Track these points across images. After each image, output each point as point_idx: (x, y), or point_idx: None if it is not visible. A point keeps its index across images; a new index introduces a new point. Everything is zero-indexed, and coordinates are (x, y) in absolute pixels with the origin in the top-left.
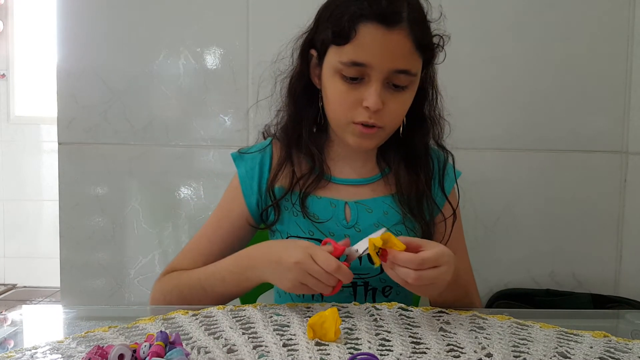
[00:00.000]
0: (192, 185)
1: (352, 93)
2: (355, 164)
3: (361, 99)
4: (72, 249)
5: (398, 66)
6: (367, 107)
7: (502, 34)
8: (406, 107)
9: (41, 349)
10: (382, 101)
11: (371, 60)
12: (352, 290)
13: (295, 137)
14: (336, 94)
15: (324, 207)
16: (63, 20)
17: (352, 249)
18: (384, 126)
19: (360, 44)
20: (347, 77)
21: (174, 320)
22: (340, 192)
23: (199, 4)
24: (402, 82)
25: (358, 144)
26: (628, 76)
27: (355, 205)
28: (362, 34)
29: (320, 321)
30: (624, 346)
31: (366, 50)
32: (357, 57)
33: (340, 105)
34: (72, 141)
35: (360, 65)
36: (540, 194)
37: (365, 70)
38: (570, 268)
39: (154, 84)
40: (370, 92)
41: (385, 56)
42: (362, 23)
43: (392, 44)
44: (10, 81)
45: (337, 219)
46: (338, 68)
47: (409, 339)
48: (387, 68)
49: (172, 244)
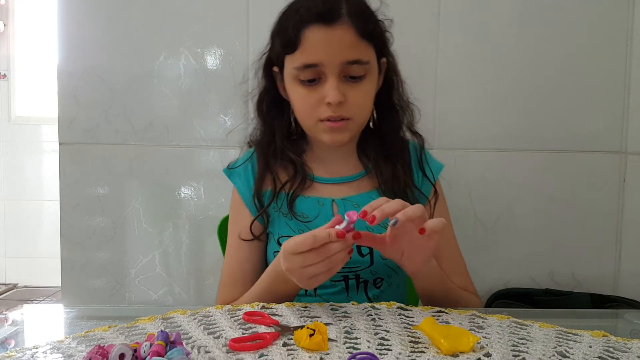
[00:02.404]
0: (193, 185)
1: (312, 94)
2: (338, 163)
3: (322, 97)
4: (72, 248)
5: (348, 57)
6: (329, 102)
7: (502, 33)
8: (369, 96)
9: (42, 349)
10: (341, 94)
11: (321, 59)
12: (344, 284)
13: (271, 150)
14: (299, 98)
15: (312, 206)
16: (64, 20)
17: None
18: (352, 117)
19: (308, 47)
20: (304, 81)
21: (174, 320)
22: (327, 190)
23: (199, 5)
24: (357, 72)
25: (332, 139)
26: (627, 76)
27: (342, 202)
28: (307, 37)
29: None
30: (623, 346)
31: (314, 51)
32: (308, 59)
33: (305, 108)
34: (72, 141)
35: (313, 66)
36: (540, 194)
37: (319, 70)
38: (570, 268)
39: (154, 85)
40: (328, 88)
41: (332, 51)
42: (305, 28)
43: (337, 39)
44: (11, 81)
45: (325, 216)
46: (294, 74)
47: (407, 338)
48: (338, 61)
49: (173, 243)
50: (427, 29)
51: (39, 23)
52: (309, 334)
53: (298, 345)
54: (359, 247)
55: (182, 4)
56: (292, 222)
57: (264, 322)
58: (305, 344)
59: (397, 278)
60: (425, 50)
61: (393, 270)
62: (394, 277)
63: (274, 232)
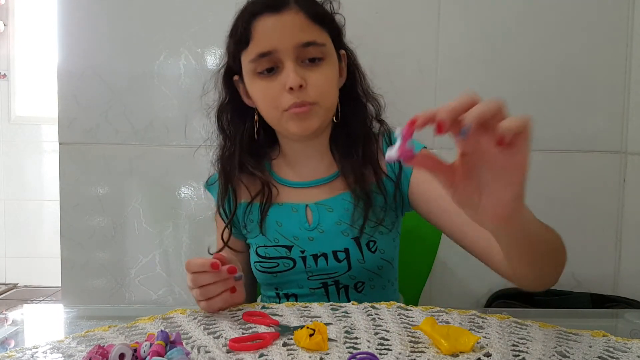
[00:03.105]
0: (193, 185)
1: (272, 85)
2: (310, 165)
3: (283, 85)
4: (72, 248)
5: (301, 40)
6: (290, 87)
7: (502, 33)
8: (331, 79)
9: (42, 349)
10: (301, 77)
11: (274, 45)
12: (323, 290)
13: (232, 164)
14: (260, 92)
15: (286, 213)
16: (64, 20)
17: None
18: (317, 101)
19: (260, 37)
20: (262, 73)
21: (174, 320)
22: (301, 195)
23: (199, 5)
24: (313, 54)
25: (300, 127)
26: (627, 76)
27: (315, 206)
28: (258, 29)
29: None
30: (623, 345)
31: (266, 39)
32: (261, 48)
33: (267, 100)
34: (72, 141)
35: (267, 54)
36: (540, 194)
37: (274, 57)
38: (570, 268)
39: (154, 85)
40: (287, 73)
41: (284, 36)
42: (255, 20)
43: (287, 24)
44: (11, 81)
45: (300, 223)
46: (251, 68)
47: (407, 338)
48: (291, 45)
49: (173, 243)
50: (427, 29)
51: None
52: (309, 334)
53: (298, 345)
54: (335, 252)
55: (182, 4)
56: (267, 231)
57: (264, 322)
58: (305, 344)
59: (381, 279)
60: (425, 50)
61: (374, 273)
62: (376, 279)
63: (252, 243)
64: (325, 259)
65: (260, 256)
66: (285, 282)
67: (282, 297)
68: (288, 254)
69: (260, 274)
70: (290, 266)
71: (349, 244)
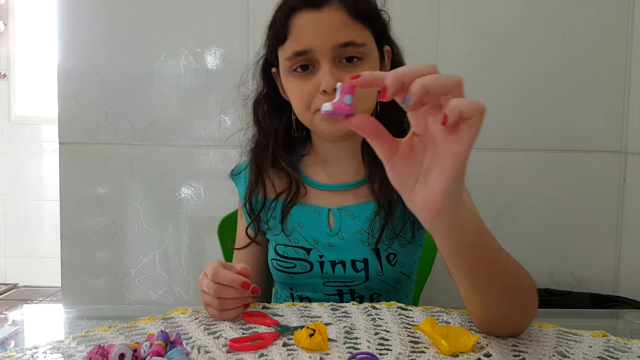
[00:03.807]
0: (193, 185)
1: (306, 84)
2: (341, 166)
3: (317, 86)
4: (73, 248)
5: (339, 40)
6: (324, 90)
7: (502, 33)
8: None
9: (42, 349)
10: (337, 80)
11: (311, 44)
12: (338, 298)
13: (265, 158)
14: (294, 90)
15: (309, 215)
16: (64, 20)
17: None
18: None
19: (297, 34)
20: (297, 70)
21: (174, 320)
22: (325, 198)
23: (199, 5)
24: (351, 53)
25: (332, 128)
26: (627, 76)
27: (338, 212)
28: (295, 25)
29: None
30: (623, 345)
31: (303, 37)
32: (297, 47)
33: (300, 100)
34: (72, 141)
35: (303, 53)
36: (540, 194)
37: (311, 57)
38: (570, 268)
39: (154, 84)
40: (322, 74)
41: (322, 35)
42: (293, 15)
43: (326, 22)
44: (11, 81)
45: (321, 227)
46: (287, 66)
47: (407, 338)
48: (329, 45)
49: (173, 243)
50: (427, 28)
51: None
52: (309, 334)
53: (298, 346)
54: (353, 262)
55: (182, 4)
56: (289, 230)
57: (264, 322)
58: (305, 344)
59: (397, 292)
60: (425, 50)
61: (391, 286)
62: (393, 292)
63: (271, 240)
64: (343, 266)
65: (278, 254)
66: (300, 284)
67: (296, 298)
68: (306, 257)
69: (276, 272)
70: (307, 269)
71: (368, 255)
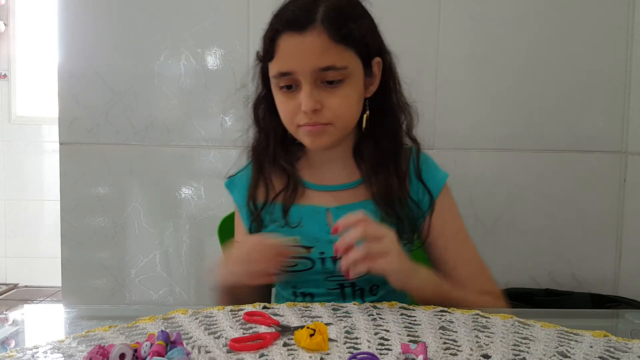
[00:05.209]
0: (193, 185)
1: (291, 101)
2: (335, 169)
3: (299, 104)
4: (73, 248)
5: (319, 64)
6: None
7: (502, 33)
8: (349, 100)
9: (42, 349)
10: (316, 101)
11: (293, 67)
12: (339, 292)
13: (265, 155)
14: (280, 105)
15: (308, 214)
16: (64, 20)
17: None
18: (332, 122)
19: (282, 55)
20: (283, 88)
21: (174, 320)
22: (323, 198)
23: (199, 5)
24: (332, 77)
25: (312, 143)
26: (628, 76)
27: (336, 210)
28: (280, 46)
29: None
30: (624, 346)
31: (286, 58)
32: (281, 68)
33: (285, 115)
34: (73, 141)
35: (286, 74)
36: (540, 194)
37: (294, 77)
38: (570, 268)
39: (155, 85)
40: (302, 96)
41: (303, 59)
42: (280, 36)
43: (308, 46)
44: (11, 81)
45: (321, 226)
46: (274, 82)
47: (407, 337)
48: (309, 69)
49: (173, 243)
50: (427, 29)
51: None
52: (309, 334)
53: (298, 345)
54: None
55: (182, 4)
56: (288, 231)
57: (264, 322)
58: (305, 344)
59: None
60: (425, 50)
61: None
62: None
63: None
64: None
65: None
66: (303, 281)
67: (299, 295)
68: (308, 255)
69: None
70: (309, 266)
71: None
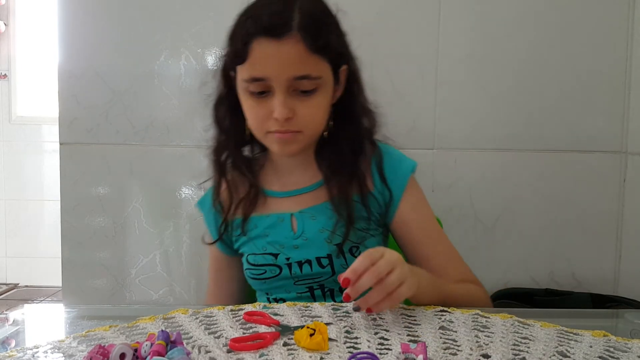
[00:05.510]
0: (193, 185)
1: (261, 107)
2: (297, 173)
3: (271, 111)
4: (73, 248)
5: (295, 73)
6: (276, 118)
7: (502, 33)
8: (320, 109)
9: (42, 348)
10: (289, 109)
11: (268, 74)
12: (309, 294)
13: (227, 157)
14: (249, 109)
15: (273, 223)
16: (64, 20)
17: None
18: (302, 130)
19: (256, 60)
20: (254, 93)
21: (175, 320)
22: (286, 205)
23: (199, 5)
24: (306, 87)
25: (282, 150)
26: (628, 76)
27: (300, 215)
28: (255, 50)
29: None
30: (624, 345)
31: (261, 64)
32: (255, 73)
33: (254, 120)
34: (73, 141)
35: (260, 79)
36: (540, 194)
37: (267, 84)
38: (570, 268)
39: (155, 85)
40: (276, 103)
41: (280, 67)
42: (254, 40)
43: (285, 54)
44: (11, 81)
45: (285, 232)
46: (244, 86)
47: (407, 337)
48: (285, 77)
49: (173, 243)
50: (427, 29)
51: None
52: (309, 334)
53: (298, 345)
54: (318, 259)
55: (182, 4)
56: (256, 241)
57: (264, 321)
58: (305, 344)
59: None
60: (425, 50)
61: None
62: None
63: (244, 252)
64: (309, 265)
65: (250, 263)
66: (273, 287)
67: (272, 301)
68: (274, 262)
69: (251, 280)
70: (277, 273)
71: (331, 251)
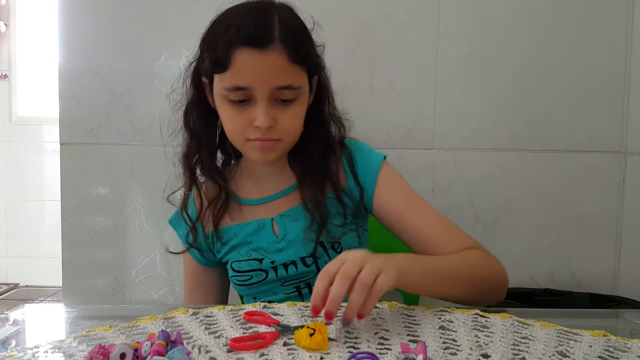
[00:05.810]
0: None
1: (242, 115)
2: (271, 178)
3: (252, 119)
4: (74, 248)
5: (278, 83)
6: (258, 126)
7: (502, 34)
8: (299, 117)
9: (43, 348)
10: (271, 118)
11: (251, 83)
12: (297, 293)
13: (198, 163)
14: (228, 118)
15: (254, 230)
16: (65, 21)
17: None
18: (282, 138)
19: (238, 70)
20: (234, 101)
21: (175, 320)
22: (264, 210)
23: (199, 5)
24: (287, 96)
25: (262, 158)
26: (627, 76)
27: (280, 219)
28: (237, 59)
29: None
30: (623, 345)
31: (244, 74)
32: (238, 82)
33: (234, 128)
34: (73, 141)
35: (243, 88)
36: (540, 194)
37: (249, 92)
38: (569, 268)
39: (155, 85)
40: (258, 112)
41: (263, 76)
42: (236, 49)
43: (268, 64)
44: (12, 82)
45: (268, 237)
46: (224, 94)
47: (407, 337)
48: (268, 87)
49: (173, 243)
50: (427, 29)
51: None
52: (309, 334)
53: (298, 345)
54: (302, 259)
55: (182, 4)
56: (240, 248)
57: (264, 321)
58: (305, 344)
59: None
60: (425, 50)
61: None
62: None
63: (228, 260)
64: (295, 266)
65: (235, 270)
66: (261, 291)
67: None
68: (260, 266)
69: (237, 286)
70: (263, 277)
71: (314, 249)
